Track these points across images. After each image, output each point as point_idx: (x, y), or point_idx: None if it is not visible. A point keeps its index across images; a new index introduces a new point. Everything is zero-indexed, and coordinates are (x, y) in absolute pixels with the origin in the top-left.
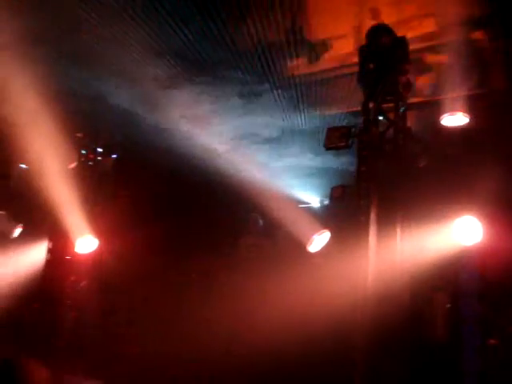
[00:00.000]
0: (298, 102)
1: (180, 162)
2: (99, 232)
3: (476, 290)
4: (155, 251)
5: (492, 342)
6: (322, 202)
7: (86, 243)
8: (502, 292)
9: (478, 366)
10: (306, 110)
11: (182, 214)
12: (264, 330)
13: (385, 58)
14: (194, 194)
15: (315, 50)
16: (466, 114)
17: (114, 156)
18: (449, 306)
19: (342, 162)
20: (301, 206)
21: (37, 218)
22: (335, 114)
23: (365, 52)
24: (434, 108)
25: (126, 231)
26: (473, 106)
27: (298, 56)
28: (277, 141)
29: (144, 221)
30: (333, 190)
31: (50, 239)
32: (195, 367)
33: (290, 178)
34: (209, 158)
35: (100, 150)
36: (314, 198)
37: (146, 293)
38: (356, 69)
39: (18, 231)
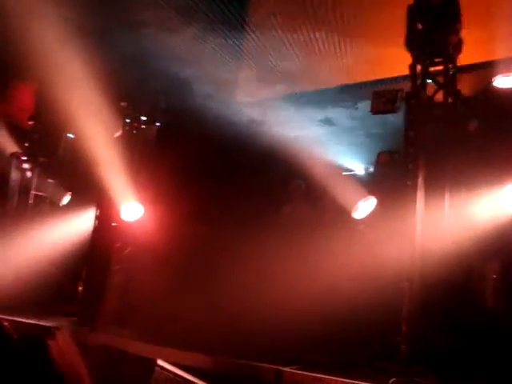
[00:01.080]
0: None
1: (223, 129)
2: (144, 199)
3: None
4: (198, 219)
5: None
6: (367, 169)
7: (131, 210)
8: None
9: None
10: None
11: (224, 181)
12: (308, 298)
13: (434, 17)
14: (236, 161)
15: None
16: None
17: (158, 124)
18: (495, 276)
19: (388, 126)
20: (345, 173)
21: (84, 187)
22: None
23: (413, 11)
24: (486, 70)
25: (169, 199)
26: None
27: None
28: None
29: (187, 188)
30: (379, 155)
31: (98, 206)
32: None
33: (334, 143)
34: (253, 125)
35: (144, 118)
36: (358, 165)
37: (188, 261)
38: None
39: (66, 199)
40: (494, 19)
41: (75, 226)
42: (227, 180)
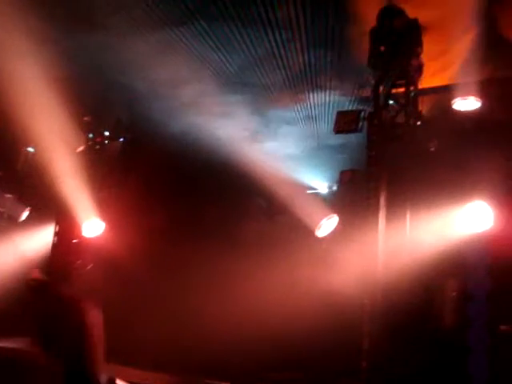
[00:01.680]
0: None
1: (186, 146)
2: (106, 216)
3: (487, 274)
4: (160, 235)
5: (503, 328)
6: (330, 187)
7: (92, 227)
8: None
9: (487, 350)
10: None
11: (187, 198)
12: (270, 316)
13: (396, 41)
14: (200, 178)
15: None
16: (478, 99)
17: (121, 139)
18: (455, 293)
19: (351, 146)
20: (309, 191)
21: (44, 202)
22: (345, 98)
23: (376, 34)
24: (446, 92)
25: (132, 215)
26: (485, 90)
27: None
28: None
29: (149, 205)
30: (342, 174)
31: (58, 222)
32: (200, 352)
33: (298, 163)
34: (215, 143)
35: (107, 133)
36: (322, 184)
37: (150, 277)
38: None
39: (25, 214)
40: (453, 45)
41: (34, 242)
42: (190, 197)
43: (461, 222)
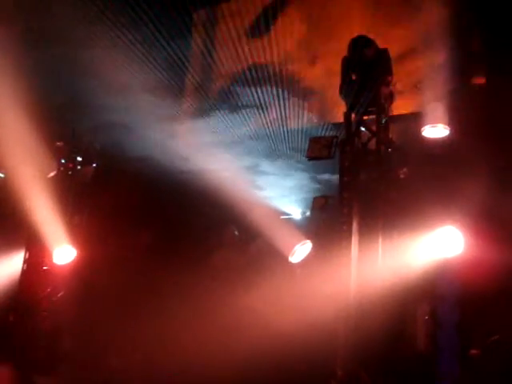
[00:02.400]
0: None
1: (159, 172)
2: (78, 242)
3: (457, 301)
4: (133, 262)
5: (473, 352)
6: (303, 213)
7: (63, 253)
8: (482, 303)
9: (457, 377)
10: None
11: (160, 224)
12: (244, 343)
13: (367, 70)
14: (172, 204)
15: None
16: (446, 126)
17: (94, 165)
18: (427, 317)
19: (324, 172)
20: (282, 217)
21: (14, 228)
22: (318, 124)
23: (347, 63)
24: (416, 120)
25: (104, 241)
26: (454, 118)
27: None
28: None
29: (122, 231)
30: (315, 200)
31: (27, 249)
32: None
33: (271, 189)
34: (187, 168)
35: (80, 158)
36: (295, 210)
37: (121, 304)
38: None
39: None
40: (423, 75)
41: (2, 269)
42: (163, 223)
43: (432, 247)
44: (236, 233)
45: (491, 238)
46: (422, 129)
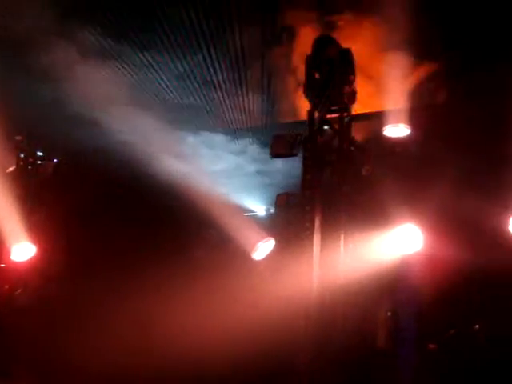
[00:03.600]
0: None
1: (122, 167)
2: (37, 239)
3: (416, 296)
4: (95, 259)
5: (431, 346)
6: (267, 210)
7: (22, 250)
8: (440, 298)
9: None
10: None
11: (123, 221)
12: (209, 339)
13: (330, 69)
14: (135, 200)
15: None
16: (407, 126)
17: (55, 160)
18: (389, 313)
19: (287, 170)
20: (246, 214)
21: None
22: (282, 123)
23: (311, 62)
24: (378, 119)
25: (66, 238)
26: (415, 118)
27: None
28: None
29: (83, 228)
30: (278, 197)
31: None
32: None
33: (235, 187)
34: (151, 164)
35: (40, 153)
36: (259, 207)
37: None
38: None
39: None
40: (385, 75)
41: None
42: (125, 220)
43: (392, 244)
44: (206, 231)
45: (449, 235)
46: (384, 128)
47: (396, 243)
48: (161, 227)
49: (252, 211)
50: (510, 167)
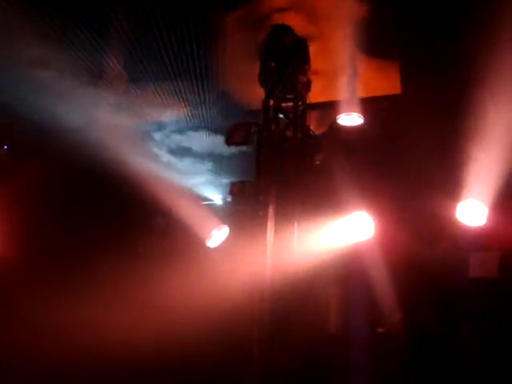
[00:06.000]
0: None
1: (78, 156)
2: None
3: (366, 282)
4: (50, 251)
5: (380, 330)
6: (224, 198)
7: None
8: (390, 284)
9: (367, 354)
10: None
11: (79, 212)
12: (161, 326)
13: (285, 58)
14: (92, 190)
15: None
16: (360, 115)
17: (5, 147)
18: (341, 299)
19: (243, 158)
20: (203, 203)
21: None
22: (238, 110)
23: (266, 50)
24: (332, 108)
25: (18, 230)
26: (368, 107)
27: None
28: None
29: (38, 219)
30: (232, 185)
31: None
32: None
33: (192, 175)
34: (107, 153)
35: None
36: (216, 196)
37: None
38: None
39: None
40: (339, 65)
41: None
42: (82, 211)
43: (344, 231)
44: (159, 219)
45: (400, 223)
46: (338, 117)
47: (348, 231)
48: (110, 215)
49: (210, 200)
50: (459, 158)
